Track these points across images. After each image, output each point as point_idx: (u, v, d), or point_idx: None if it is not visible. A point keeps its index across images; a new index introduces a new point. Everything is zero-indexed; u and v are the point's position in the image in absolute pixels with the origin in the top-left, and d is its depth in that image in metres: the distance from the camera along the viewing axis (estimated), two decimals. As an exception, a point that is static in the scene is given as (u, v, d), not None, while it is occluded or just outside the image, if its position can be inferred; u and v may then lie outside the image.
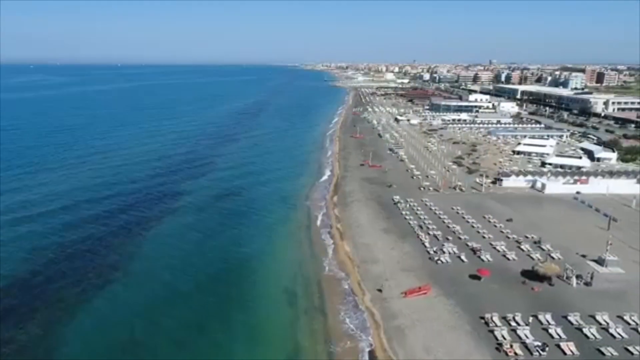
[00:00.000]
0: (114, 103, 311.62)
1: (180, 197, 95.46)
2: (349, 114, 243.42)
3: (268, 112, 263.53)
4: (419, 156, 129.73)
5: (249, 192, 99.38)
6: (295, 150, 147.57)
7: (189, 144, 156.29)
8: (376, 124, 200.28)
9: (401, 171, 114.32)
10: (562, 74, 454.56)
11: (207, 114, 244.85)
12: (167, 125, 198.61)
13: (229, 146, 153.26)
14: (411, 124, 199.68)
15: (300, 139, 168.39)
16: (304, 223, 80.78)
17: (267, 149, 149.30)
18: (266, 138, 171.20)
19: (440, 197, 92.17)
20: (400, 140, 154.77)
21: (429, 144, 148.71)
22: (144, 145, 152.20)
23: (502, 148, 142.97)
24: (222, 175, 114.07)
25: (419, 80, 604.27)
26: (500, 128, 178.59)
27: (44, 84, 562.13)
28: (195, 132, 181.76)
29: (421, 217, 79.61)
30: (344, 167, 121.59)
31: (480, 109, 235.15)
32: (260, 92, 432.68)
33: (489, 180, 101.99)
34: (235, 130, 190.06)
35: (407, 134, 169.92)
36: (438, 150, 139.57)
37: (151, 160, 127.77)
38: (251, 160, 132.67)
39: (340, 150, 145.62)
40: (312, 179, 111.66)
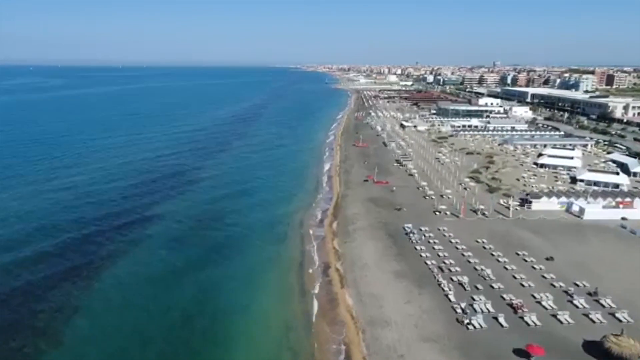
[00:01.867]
0: (106, 107, 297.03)
1: (150, 225, 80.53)
2: (351, 119, 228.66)
3: (265, 117, 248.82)
4: (430, 169, 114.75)
5: (234, 218, 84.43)
6: (291, 162, 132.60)
7: (174, 154, 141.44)
8: (380, 130, 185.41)
9: (411, 189, 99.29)
10: (571, 76, 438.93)
11: (200, 119, 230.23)
12: (156, 132, 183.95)
13: (218, 157, 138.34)
14: (418, 130, 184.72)
15: (297, 148, 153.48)
16: (295, 261, 65.80)
17: (260, 161, 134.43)
18: (260, 147, 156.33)
19: (460, 224, 77.15)
20: (408, 151, 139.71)
21: (440, 155, 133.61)
22: (124, 156, 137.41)
23: (522, 160, 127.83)
24: (204, 195, 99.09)
25: (423, 82, 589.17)
26: (516, 136, 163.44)
27: (40, 86, 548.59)
28: (184, 140, 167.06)
29: (440, 255, 64.59)
30: (345, 183, 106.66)
31: (492, 114, 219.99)
32: (258, 95, 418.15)
33: (515, 202, 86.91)
34: (228, 138, 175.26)
35: (414, 142, 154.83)
36: (451, 162, 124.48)
37: (127, 177, 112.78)
38: (240, 174, 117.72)
39: (341, 161, 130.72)
40: (308, 198, 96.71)
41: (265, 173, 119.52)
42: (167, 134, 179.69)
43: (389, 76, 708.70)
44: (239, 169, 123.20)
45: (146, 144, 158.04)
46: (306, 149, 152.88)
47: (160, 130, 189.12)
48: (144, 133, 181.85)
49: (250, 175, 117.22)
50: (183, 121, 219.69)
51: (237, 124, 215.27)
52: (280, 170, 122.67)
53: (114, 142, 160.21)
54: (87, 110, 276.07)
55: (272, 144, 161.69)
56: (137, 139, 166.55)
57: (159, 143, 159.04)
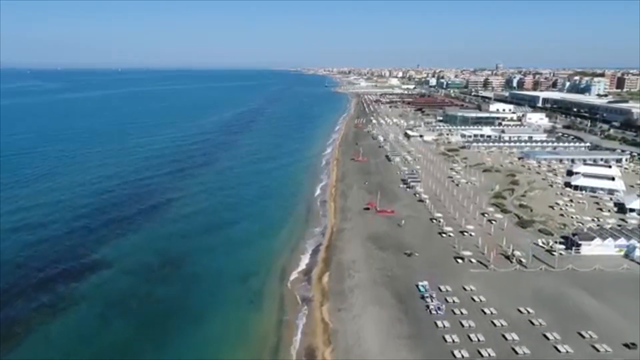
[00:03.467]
0: (96, 112, 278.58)
1: (84, 277, 61.87)
2: (351, 127, 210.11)
3: (259, 124, 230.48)
4: (443, 192, 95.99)
5: (197, 265, 65.79)
6: (281, 181, 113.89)
7: (150, 170, 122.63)
8: (382, 140, 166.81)
9: (423, 222, 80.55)
10: (582, 79, 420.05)
11: (190, 127, 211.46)
12: (138, 142, 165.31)
13: (197, 175, 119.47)
14: (425, 140, 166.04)
15: (289, 163, 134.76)
16: (268, 346, 47.09)
17: (245, 179, 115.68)
18: (248, 161, 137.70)
19: (492, 279, 58.37)
20: (415, 167, 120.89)
21: (454, 173, 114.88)
22: (92, 172, 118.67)
23: (550, 179, 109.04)
24: (167, 228, 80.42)
25: (425, 85, 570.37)
26: (537, 148, 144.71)
27: (34, 90, 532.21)
28: (166, 152, 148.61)
29: (471, 337, 45.82)
30: (342, 211, 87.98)
31: (504, 121, 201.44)
32: (255, 99, 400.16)
33: (558, 244, 68.18)
34: (214, 149, 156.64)
35: (422, 156, 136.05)
36: (467, 182, 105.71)
37: (77, 203, 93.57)
38: (219, 198, 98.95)
39: (338, 180, 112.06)
40: (296, 233, 78.18)
41: (249, 196, 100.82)
42: (147, 145, 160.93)
43: (391, 79, 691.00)
44: (219, 191, 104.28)
45: (120, 157, 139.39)
46: (299, 163, 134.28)
47: (140, 140, 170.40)
48: (121, 143, 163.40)
49: (230, 198, 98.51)
50: (168, 129, 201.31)
51: (227, 133, 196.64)
52: (266, 192, 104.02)
53: (90, 154, 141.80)
54: (77, 116, 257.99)
55: (262, 157, 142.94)
56: (116, 152, 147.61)
57: (134, 156, 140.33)
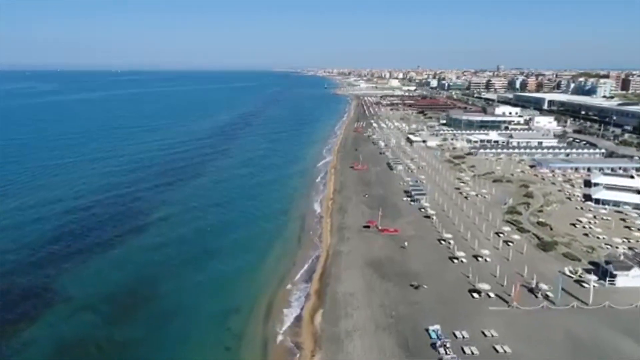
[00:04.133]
0: (84, 116, 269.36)
1: (37, 315, 52.64)
2: (350, 131, 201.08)
3: (254, 128, 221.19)
4: (451, 207, 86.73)
5: (168, 300, 56.38)
6: (273, 194, 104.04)
7: (130, 184, 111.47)
8: (384, 146, 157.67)
9: (430, 243, 71.25)
10: (587, 80, 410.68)
11: (182, 131, 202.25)
12: (123, 150, 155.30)
13: (181, 188, 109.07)
14: (428, 146, 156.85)
15: (283, 172, 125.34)
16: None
17: (232, 193, 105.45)
18: (239, 171, 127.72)
19: (516, 322, 49.04)
20: (419, 177, 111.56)
21: (461, 184, 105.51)
22: (64, 187, 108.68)
23: (568, 190, 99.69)
24: (139, 254, 70.35)
25: (427, 87, 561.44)
26: (549, 155, 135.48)
27: (28, 92, 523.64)
28: (151, 161, 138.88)
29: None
30: (339, 229, 78.69)
31: (510, 125, 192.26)
32: (253, 102, 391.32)
33: (589, 272, 58.89)
34: (204, 157, 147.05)
35: (426, 164, 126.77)
36: (477, 194, 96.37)
37: (46, 227, 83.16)
38: (198, 218, 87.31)
39: (336, 191, 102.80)
40: (286, 260, 68.62)
41: (235, 212, 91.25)
42: (132, 153, 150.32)
43: (391, 80, 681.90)
44: (202, 207, 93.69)
45: (100, 168, 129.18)
46: (294, 173, 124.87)
47: (126, 148, 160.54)
48: (104, 152, 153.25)
49: (214, 216, 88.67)
50: (158, 134, 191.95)
51: (220, 138, 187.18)
52: (255, 207, 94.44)
53: (58, 166, 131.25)
54: (67, 118, 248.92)
55: (255, 166, 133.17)
56: (89, 162, 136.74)
57: (115, 167, 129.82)
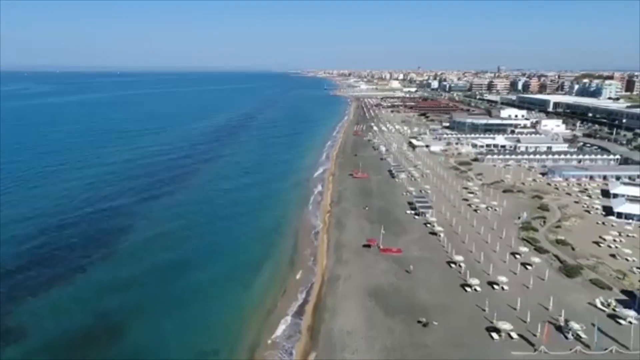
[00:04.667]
0: (76, 118, 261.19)
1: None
2: (349, 134, 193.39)
3: (249, 131, 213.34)
4: (459, 221, 78.78)
5: (137, 334, 48.39)
6: (263, 206, 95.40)
7: (108, 195, 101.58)
8: (384, 151, 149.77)
9: (438, 266, 63.20)
10: (591, 81, 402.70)
11: (173, 135, 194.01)
12: (109, 156, 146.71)
13: (163, 200, 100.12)
14: (431, 151, 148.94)
15: (277, 181, 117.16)
16: None
17: (219, 204, 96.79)
18: (229, 180, 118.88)
19: (545, 372, 41.17)
20: (423, 187, 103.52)
21: (470, 194, 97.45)
22: (37, 199, 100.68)
23: (585, 202, 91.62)
24: (90, 302, 60.83)
25: (427, 88, 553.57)
26: (560, 161, 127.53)
27: (21, 93, 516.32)
28: (136, 169, 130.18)
29: None
30: (337, 248, 70.68)
31: (517, 128, 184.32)
32: (251, 103, 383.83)
33: (622, 305, 50.92)
34: (193, 163, 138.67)
35: (430, 172, 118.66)
36: (487, 207, 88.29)
37: (8, 250, 76.44)
38: (178, 234, 78.74)
39: (333, 203, 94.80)
40: (275, 286, 60.60)
41: (223, 230, 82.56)
42: (117, 161, 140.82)
43: (392, 82, 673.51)
44: (183, 228, 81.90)
45: (79, 176, 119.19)
46: (289, 181, 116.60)
47: (112, 154, 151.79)
48: (87, 158, 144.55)
49: (197, 238, 77.97)
50: (149, 138, 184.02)
51: (213, 143, 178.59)
52: (246, 223, 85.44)
53: (36, 175, 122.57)
54: (46, 123, 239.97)
55: (248, 175, 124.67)
56: (69, 170, 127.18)
57: (95, 177, 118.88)
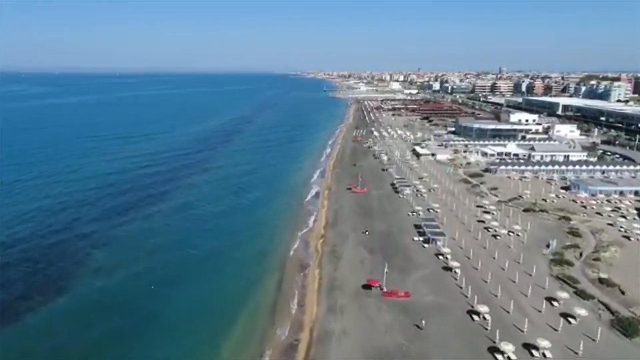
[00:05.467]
0: (64, 121, 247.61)
1: None
2: (348, 140, 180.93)
3: (243, 137, 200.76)
4: (478, 251, 65.99)
5: None
6: (245, 232, 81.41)
7: (83, 211, 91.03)
8: (386, 160, 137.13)
9: (457, 319, 50.31)
10: (599, 83, 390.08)
11: (160, 142, 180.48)
12: (92, 164, 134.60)
13: (140, 216, 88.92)
14: (438, 160, 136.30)
15: (266, 197, 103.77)
16: None
17: (194, 231, 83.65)
18: (208, 203, 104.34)
19: None
20: (432, 205, 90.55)
21: (485, 214, 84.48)
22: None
23: (623, 225, 78.71)
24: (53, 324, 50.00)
25: (429, 90, 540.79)
26: (582, 172, 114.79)
27: (15, 95, 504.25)
28: (118, 177, 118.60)
29: None
30: (329, 290, 57.82)
31: (528, 133, 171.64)
32: (248, 106, 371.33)
33: None
34: (178, 173, 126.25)
35: (439, 186, 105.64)
36: (509, 232, 75.34)
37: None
38: (143, 264, 66.84)
39: (328, 225, 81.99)
40: (249, 350, 47.97)
41: (195, 262, 69.82)
42: (99, 169, 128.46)
43: (392, 83, 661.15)
44: (146, 257, 69.94)
45: (54, 191, 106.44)
46: (280, 197, 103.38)
47: (93, 163, 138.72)
48: (68, 166, 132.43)
49: (161, 272, 65.61)
50: (135, 144, 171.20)
51: (203, 150, 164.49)
52: (224, 252, 72.23)
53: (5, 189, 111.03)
54: (42, 125, 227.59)
55: (234, 190, 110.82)
56: (45, 182, 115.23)
57: (72, 191, 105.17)
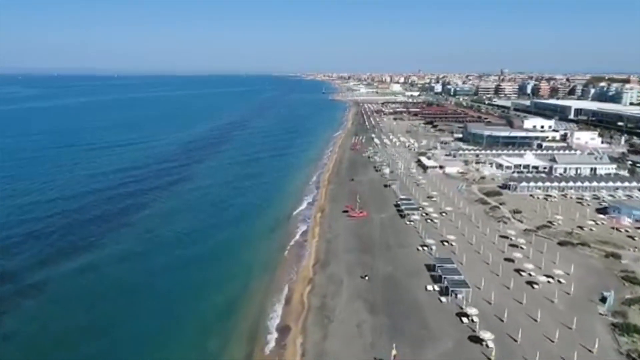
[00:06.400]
0: (45, 128, 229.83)
1: None
2: (346, 149, 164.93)
3: (232, 144, 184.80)
4: (513, 311, 49.87)
5: None
6: (212, 278, 64.90)
7: (28, 240, 76.51)
8: (388, 173, 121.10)
9: None
10: (610, 85, 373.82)
11: (140, 152, 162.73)
12: (48, 184, 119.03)
13: (92, 248, 73.35)
14: (447, 173, 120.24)
15: (246, 225, 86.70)
16: None
17: (156, 270, 68.82)
18: (178, 226, 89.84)
19: None
20: (446, 236, 74.24)
21: (513, 249, 68.15)
22: None
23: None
24: None
25: (430, 92, 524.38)
26: (617, 190, 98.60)
27: (6, 98, 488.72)
28: (83, 195, 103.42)
29: None
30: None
31: (544, 141, 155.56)
32: (243, 109, 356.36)
33: None
34: (148, 190, 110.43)
35: (452, 209, 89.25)
36: (548, 276, 59.05)
37: None
38: (90, 316, 52.54)
39: (318, 264, 65.88)
40: None
41: (148, 309, 54.54)
42: (63, 185, 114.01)
43: (393, 85, 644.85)
44: (103, 291, 57.27)
45: (14, 214, 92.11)
46: (262, 225, 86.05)
47: (65, 176, 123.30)
48: (30, 180, 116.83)
49: (107, 310, 51.68)
50: (107, 159, 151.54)
51: (184, 163, 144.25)
52: (179, 312, 56.67)
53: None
54: (22, 131, 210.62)
55: (209, 213, 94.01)
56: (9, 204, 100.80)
57: (36, 210, 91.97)
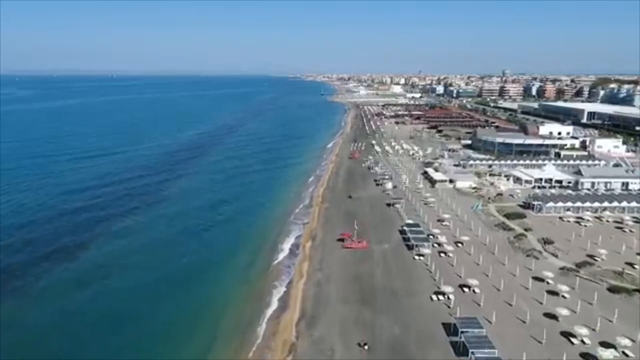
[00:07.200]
0: (26, 134, 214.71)
1: None
2: (344, 157, 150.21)
3: (220, 151, 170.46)
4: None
5: None
6: (175, 334, 51.51)
7: None
8: (391, 188, 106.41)
9: None
10: (620, 87, 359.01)
11: (123, 161, 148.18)
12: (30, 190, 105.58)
13: (48, 273, 58.94)
14: (457, 188, 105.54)
15: (221, 259, 72.09)
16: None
17: (118, 306, 54.61)
18: (153, 244, 76.06)
19: None
20: (467, 281, 59.54)
21: (551, 296, 53.37)
22: None
23: None
24: None
25: (432, 94, 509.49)
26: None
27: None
28: (45, 213, 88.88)
29: None
30: None
31: (563, 150, 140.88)
32: (238, 111, 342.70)
33: None
34: (119, 207, 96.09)
35: (470, 238, 74.38)
36: (607, 345, 44.34)
37: None
38: None
39: (303, 321, 51.32)
40: None
41: None
42: (27, 202, 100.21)
43: (393, 86, 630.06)
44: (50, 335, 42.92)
45: None
46: (242, 259, 71.51)
47: (29, 191, 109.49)
48: None
49: None
50: (85, 172, 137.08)
51: (167, 173, 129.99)
52: None
53: None
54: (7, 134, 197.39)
55: (179, 241, 79.81)
56: None
57: None
